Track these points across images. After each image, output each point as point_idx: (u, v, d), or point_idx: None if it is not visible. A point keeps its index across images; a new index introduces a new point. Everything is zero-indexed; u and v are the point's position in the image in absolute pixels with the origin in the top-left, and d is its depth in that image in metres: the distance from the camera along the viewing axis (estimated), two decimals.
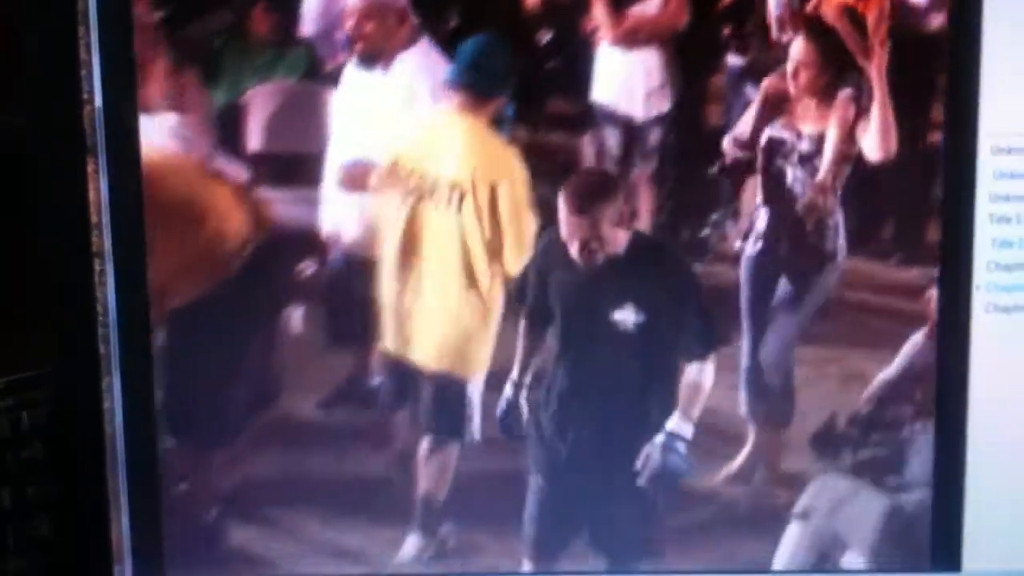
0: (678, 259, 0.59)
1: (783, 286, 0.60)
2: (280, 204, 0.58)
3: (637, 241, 0.59)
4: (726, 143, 0.58)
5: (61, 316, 0.56)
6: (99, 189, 0.55)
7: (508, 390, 0.60)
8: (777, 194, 0.59)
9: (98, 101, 0.55)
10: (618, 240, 0.59)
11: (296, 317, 0.59)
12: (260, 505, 0.60)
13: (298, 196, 0.58)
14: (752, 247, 0.60)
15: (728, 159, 0.58)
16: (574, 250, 0.59)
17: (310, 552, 0.60)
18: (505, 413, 0.60)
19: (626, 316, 0.59)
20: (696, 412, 0.59)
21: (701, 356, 0.59)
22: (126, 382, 0.57)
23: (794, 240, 0.59)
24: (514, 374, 0.60)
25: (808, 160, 0.58)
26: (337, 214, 0.58)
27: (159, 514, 0.58)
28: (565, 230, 0.58)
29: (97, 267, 0.56)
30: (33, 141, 0.55)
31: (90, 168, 0.55)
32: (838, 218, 0.58)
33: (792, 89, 0.58)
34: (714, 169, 0.58)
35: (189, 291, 0.58)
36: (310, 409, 0.59)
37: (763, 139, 0.58)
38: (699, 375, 0.59)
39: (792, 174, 0.59)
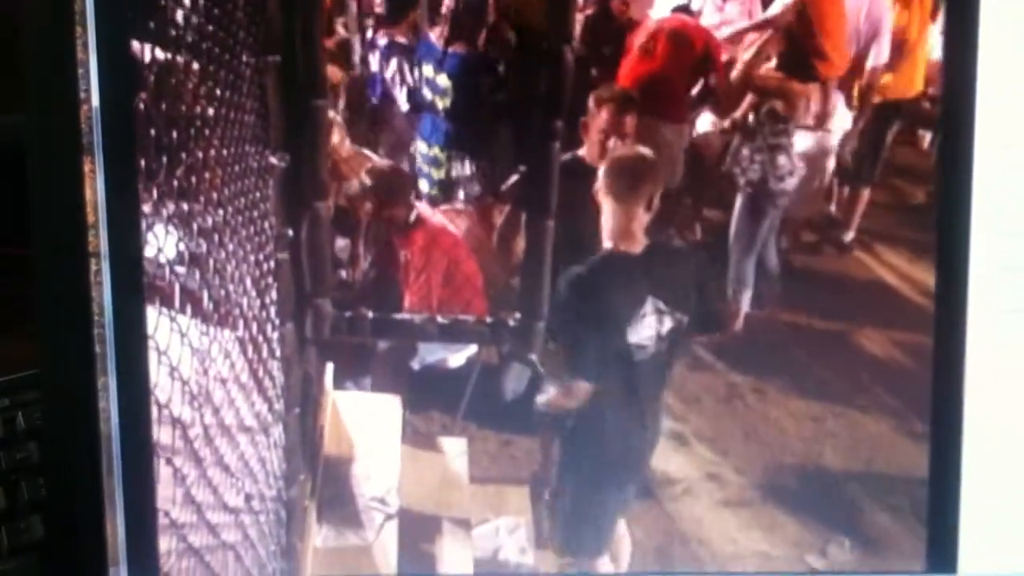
0: None
1: None
2: None
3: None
4: None
5: (57, 316, 0.56)
6: (96, 188, 0.55)
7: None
8: None
9: (95, 100, 0.55)
10: None
11: None
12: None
13: None
14: None
15: None
16: None
17: None
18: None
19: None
20: None
21: None
22: (122, 383, 0.56)
23: None
24: None
25: None
26: None
27: (155, 517, 0.57)
28: None
29: (93, 267, 0.56)
30: (30, 140, 0.55)
31: (87, 167, 0.55)
32: None
33: None
34: None
35: None
36: None
37: None
38: None
39: None
